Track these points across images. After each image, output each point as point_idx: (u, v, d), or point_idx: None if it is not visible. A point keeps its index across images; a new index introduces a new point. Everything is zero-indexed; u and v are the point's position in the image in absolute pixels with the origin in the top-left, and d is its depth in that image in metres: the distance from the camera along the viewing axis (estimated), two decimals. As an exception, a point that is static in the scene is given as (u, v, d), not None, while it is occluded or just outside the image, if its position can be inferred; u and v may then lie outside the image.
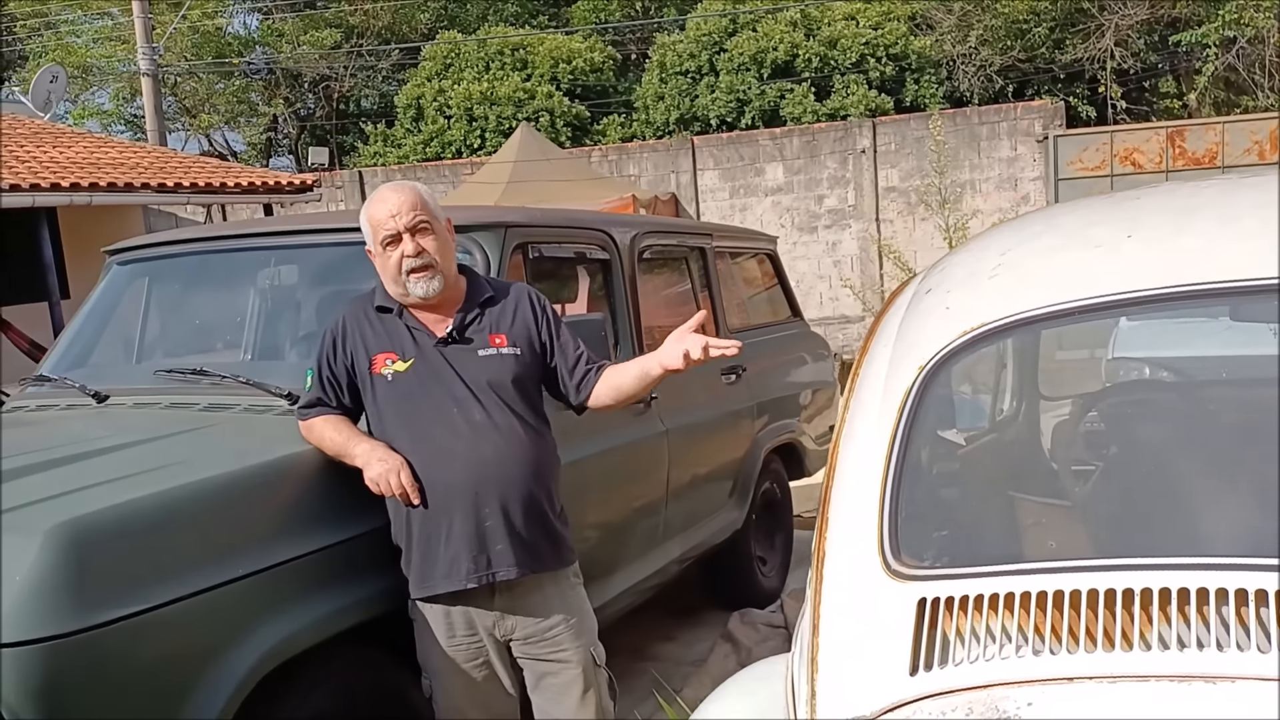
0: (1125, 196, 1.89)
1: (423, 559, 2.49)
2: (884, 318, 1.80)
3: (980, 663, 1.21)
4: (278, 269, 3.78)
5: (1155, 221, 1.64)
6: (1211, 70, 15.88)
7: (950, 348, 1.50)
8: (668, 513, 3.90)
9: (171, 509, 2.23)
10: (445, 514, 2.46)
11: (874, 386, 1.59)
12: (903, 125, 14.44)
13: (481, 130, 17.84)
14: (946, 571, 1.34)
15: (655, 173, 14.95)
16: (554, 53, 18.71)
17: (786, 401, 5.03)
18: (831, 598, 1.39)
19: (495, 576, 2.47)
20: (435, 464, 2.46)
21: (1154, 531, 1.42)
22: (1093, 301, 1.44)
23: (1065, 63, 17.11)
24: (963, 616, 1.26)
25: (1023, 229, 1.84)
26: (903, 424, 1.47)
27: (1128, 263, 1.49)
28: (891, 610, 1.31)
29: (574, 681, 2.61)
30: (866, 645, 1.32)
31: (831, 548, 1.45)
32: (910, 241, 14.01)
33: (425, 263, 2.49)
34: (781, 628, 4.46)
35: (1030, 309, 1.48)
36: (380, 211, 2.52)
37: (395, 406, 2.53)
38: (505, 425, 2.51)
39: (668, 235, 4.38)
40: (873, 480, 1.44)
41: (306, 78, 22.03)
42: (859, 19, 17.32)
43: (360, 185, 15.78)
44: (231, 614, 2.21)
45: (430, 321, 2.57)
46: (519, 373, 2.56)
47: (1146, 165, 12.80)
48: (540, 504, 2.54)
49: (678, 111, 17.35)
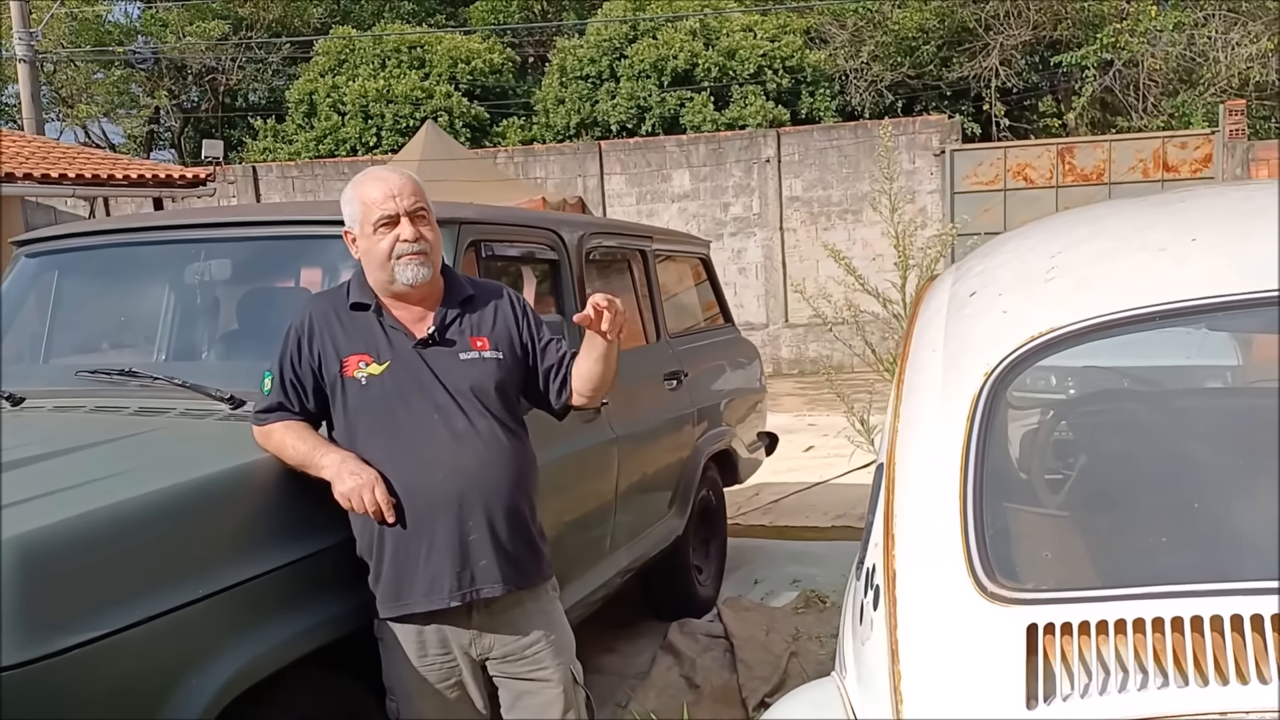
0: (1162, 199, 1.85)
1: (398, 576, 2.31)
2: (918, 321, 1.72)
3: (1114, 694, 1.13)
4: (197, 263, 3.53)
5: (1214, 226, 1.60)
6: (1090, 91, 16.56)
7: (1020, 353, 1.43)
8: (616, 522, 3.79)
9: (119, 525, 2.00)
10: (426, 528, 2.29)
11: (930, 394, 1.50)
12: (806, 136, 14.63)
13: (378, 128, 17.40)
14: (1057, 595, 1.25)
15: (562, 176, 14.81)
16: (452, 52, 18.39)
17: (723, 408, 4.96)
18: (912, 622, 1.29)
19: (479, 594, 2.32)
20: (415, 474, 2.29)
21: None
22: (1174, 307, 1.38)
23: (952, 80, 17.63)
24: (1085, 643, 1.17)
25: (1065, 231, 1.78)
26: (975, 433, 1.38)
27: (1200, 268, 1.44)
28: (993, 636, 1.21)
29: (554, 701, 2.46)
30: (965, 674, 1.22)
31: (904, 567, 1.35)
32: (813, 251, 14.19)
33: (422, 248, 2.34)
34: (721, 636, 4.39)
35: (1103, 314, 1.42)
36: (376, 192, 2.34)
37: (370, 413, 2.34)
38: (488, 432, 2.35)
39: (613, 236, 4.27)
40: (948, 495, 1.35)
41: (192, 69, 21.16)
42: (756, 31, 17.50)
43: (254, 180, 15.19)
44: (190, 640, 2.01)
45: (409, 321, 2.40)
46: (501, 377, 2.41)
47: (1038, 180, 13.24)
48: (523, 516, 2.40)
49: (578, 116, 17.24)
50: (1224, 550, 1.43)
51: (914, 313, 1.79)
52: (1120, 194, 12.45)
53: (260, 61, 21.61)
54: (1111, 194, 12.61)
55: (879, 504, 1.53)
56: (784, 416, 9.64)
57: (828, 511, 6.62)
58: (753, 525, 6.36)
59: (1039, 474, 2.32)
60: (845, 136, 14.43)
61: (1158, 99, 16.75)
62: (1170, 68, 16.44)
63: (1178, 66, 16.45)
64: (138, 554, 1.99)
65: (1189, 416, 2.32)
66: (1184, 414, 2.40)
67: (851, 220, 14.23)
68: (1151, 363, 2.47)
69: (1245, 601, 1.20)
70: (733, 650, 4.22)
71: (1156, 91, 16.75)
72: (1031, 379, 1.99)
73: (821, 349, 13.91)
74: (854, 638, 1.55)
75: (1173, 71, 16.57)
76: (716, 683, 3.96)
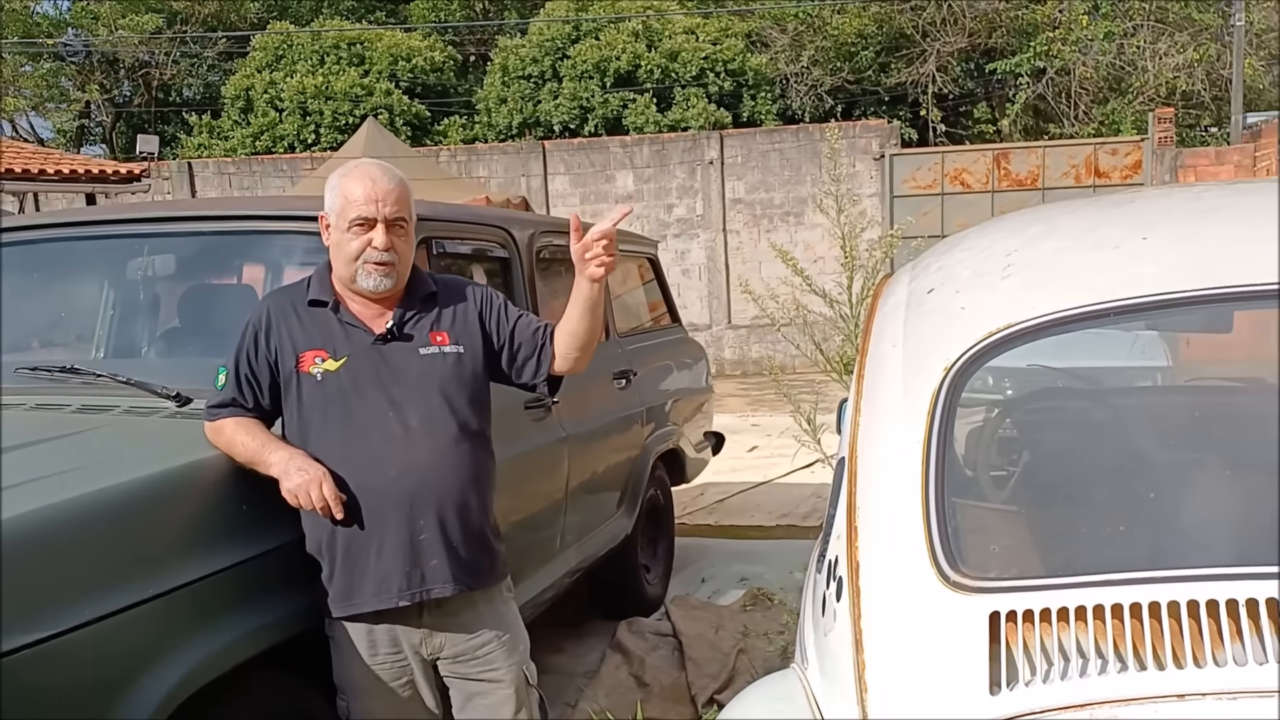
0: (1114, 200, 1.90)
1: (349, 575, 2.28)
2: (876, 318, 1.75)
3: (1075, 679, 1.16)
4: (137, 259, 3.47)
5: (1165, 225, 1.65)
6: (1023, 98, 16.92)
7: (978, 348, 1.46)
8: (566, 522, 3.78)
9: (64, 525, 1.95)
10: (376, 527, 2.26)
11: (891, 389, 1.53)
12: (748, 138, 14.73)
13: (316, 125, 17.17)
14: (1018, 583, 1.28)
15: (505, 175, 14.74)
16: (392, 49, 18.21)
17: (671, 407, 4.98)
18: (876, 611, 1.31)
19: (429, 594, 2.29)
20: (367, 472, 2.26)
21: (1238, 540, 1.41)
22: (1128, 303, 1.42)
23: (890, 86, 17.91)
24: (1045, 630, 1.20)
25: (1020, 230, 1.82)
26: (935, 427, 1.41)
27: (1153, 265, 1.49)
28: (957, 625, 1.24)
29: (505, 701, 2.45)
30: (928, 662, 1.24)
31: (868, 558, 1.37)
32: (756, 253, 14.30)
33: (389, 260, 2.30)
34: (670, 635, 4.41)
35: (1059, 310, 1.46)
36: (361, 189, 2.29)
37: (323, 409, 2.31)
38: (444, 430, 2.33)
39: (563, 235, 4.25)
40: (910, 487, 1.37)
41: (124, 63, 20.66)
42: (698, 33, 17.60)
43: (190, 176, 14.89)
44: (140, 640, 1.96)
45: (368, 317, 2.36)
46: (461, 374, 2.38)
47: (975, 185, 13.49)
48: (478, 515, 2.37)
49: (521, 116, 17.18)
50: (1171, 540, 1.47)
51: (872, 309, 1.82)
52: (1054, 199, 12.71)
53: (195, 56, 21.20)
54: (1045, 199, 12.89)
55: (841, 497, 1.56)
56: (728, 417, 9.70)
57: (772, 510, 6.68)
58: (699, 525, 6.39)
59: (985, 470, 2.37)
60: (787, 139, 14.57)
61: (1089, 107, 17.18)
62: (1100, 76, 16.88)
63: (1108, 75, 16.89)
64: (84, 553, 1.94)
65: (1127, 414, 2.39)
66: (1122, 411, 2.47)
67: (793, 223, 14.37)
68: (1089, 363, 2.53)
69: (1193, 588, 1.24)
70: (681, 648, 4.23)
71: (1087, 99, 17.18)
72: (976, 379, 2.03)
73: (764, 349, 14.02)
74: (815, 629, 1.57)
75: (1103, 80, 17.01)
76: (665, 681, 3.97)
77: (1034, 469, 2.12)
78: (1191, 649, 1.15)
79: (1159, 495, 1.51)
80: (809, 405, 4.41)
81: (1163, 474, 1.60)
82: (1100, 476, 1.69)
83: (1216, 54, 16.36)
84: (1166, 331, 2.93)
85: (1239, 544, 1.46)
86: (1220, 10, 16.79)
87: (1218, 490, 1.56)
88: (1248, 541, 1.47)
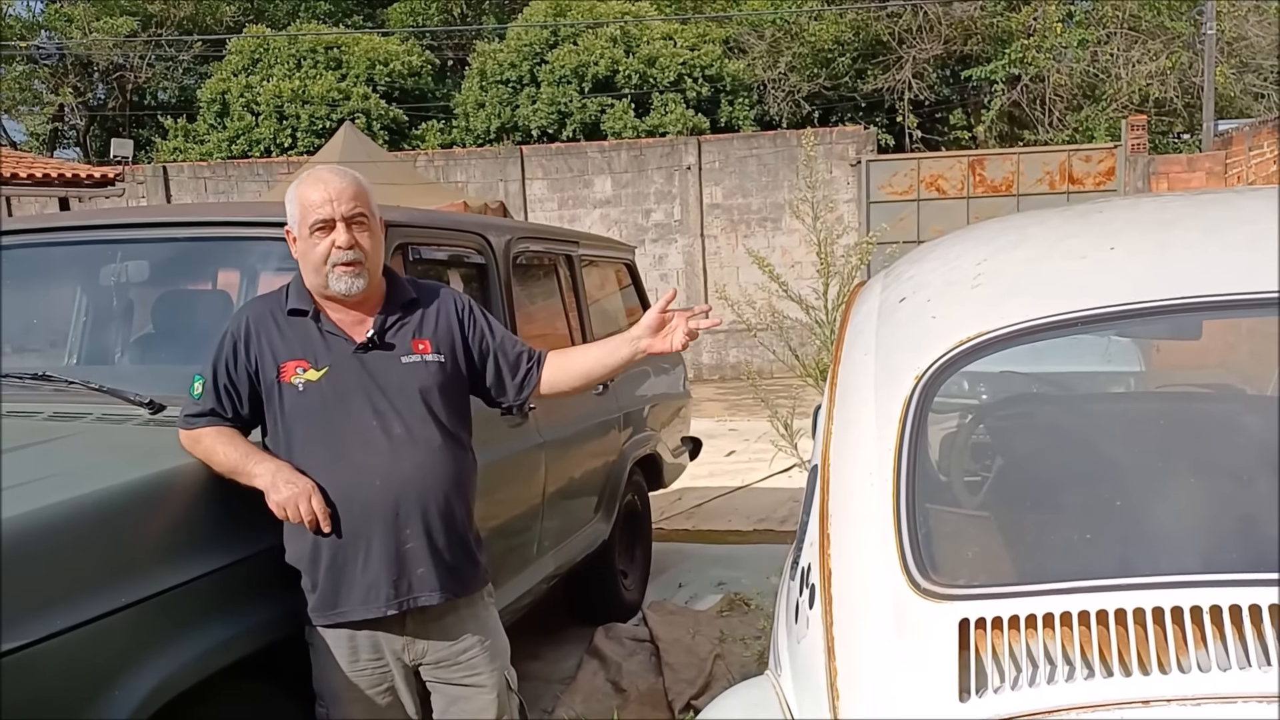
0: (1081, 210, 1.92)
1: (333, 584, 2.27)
2: (849, 326, 1.76)
3: (1043, 686, 1.17)
4: (111, 265, 3.45)
5: (1133, 235, 1.67)
6: (998, 105, 17.05)
7: (949, 357, 1.47)
8: (543, 527, 3.78)
9: (36, 533, 1.94)
10: (363, 536, 2.25)
11: (863, 397, 1.54)
12: (726, 144, 14.78)
13: (293, 129, 17.09)
14: (988, 590, 1.29)
15: (483, 180, 14.72)
16: (370, 54, 18.14)
17: (649, 412, 4.99)
18: (847, 619, 1.32)
19: (416, 602, 2.29)
20: (352, 482, 2.25)
21: (1205, 547, 1.43)
22: (1096, 312, 1.44)
23: (866, 92, 18.01)
24: (1014, 637, 1.21)
25: (990, 239, 1.84)
26: (907, 435, 1.42)
27: (1121, 275, 1.51)
28: (927, 632, 1.25)
29: (487, 707, 2.45)
30: (898, 669, 1.25)
31: (840, 566, 1.38)
32: (733, 258, 14.34)
33: (355, 258, 2.28)
34: (647, 641, 4.41)
35: (1029, 319, 1.48)
36: (316, 194, 2.28)
37: (306, 419, 2.30)
38: (427, 439, 2.32)
39: (540, 241, 4.27)
40: (882, 495, 1.39)
41: (98, 66, 20.48)
42: (676, 39, 17.63)
43: (165, 181, 14.81)
44: (112, 649, 1.95)
45: (348, 325, 2.35)
46: (443, 382, 2.38)
47: (950, 191, 13.58)
48: (462, 523, 2.38)
49: (498, 120, 17.16)
50: (1140, 547, 1.49)
51: (845, 317, 1.83)
52: (1028, 205, 12.84)
53: (170, 59, 21.04)
54: (1020, 205, 13.01)
55: (814, 504, 1.57)
56: (705, 422, 9.72)
57: (750, 515, 6.70)
58: (676, 530, 6.40)
59: (958, 476, 2.39)
60: (765, 145, 14.63)
61: (1063, 114, 17.33)
62: (1074, 83, 17.04)
63: (1082, 82, 17.05)
64: (56, 562, 1.93)
65: (1099, 420, 2.41)
66: (1094, 418, 2.50)
67: (770, 228, 14.43)
68: (1063, 369, 2.56)
69: (1161, 595, 1.26)
70: (658, 654, 4.24)
71: (1061, 106, 17.33)
72: (947, 385, 2.05)
73: (742, 354, 14.06)
74: (789, 636, 1.58)
75: (1077, 87, 17.17)
76: (642, 686, 3.97)
77: (1006, 475, 2.14)
78: (1158, 655, 1.17)
79: (1129, 502, 1.53)
80: (786, 410, 4.43)
81: (1133, 480, 1.62)
82: (1071, 483, 1.71)
83: (1188, 62, 16.55)
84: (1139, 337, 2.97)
85: (1207, 551, 1.48)
86: (1192, 19, 16.99)
87: (1186, 497, 1.58)
88: (1215, 548, 1.49)
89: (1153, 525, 1.51)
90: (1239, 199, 1.70)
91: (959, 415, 2.60)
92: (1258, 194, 1.81)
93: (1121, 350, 4.04)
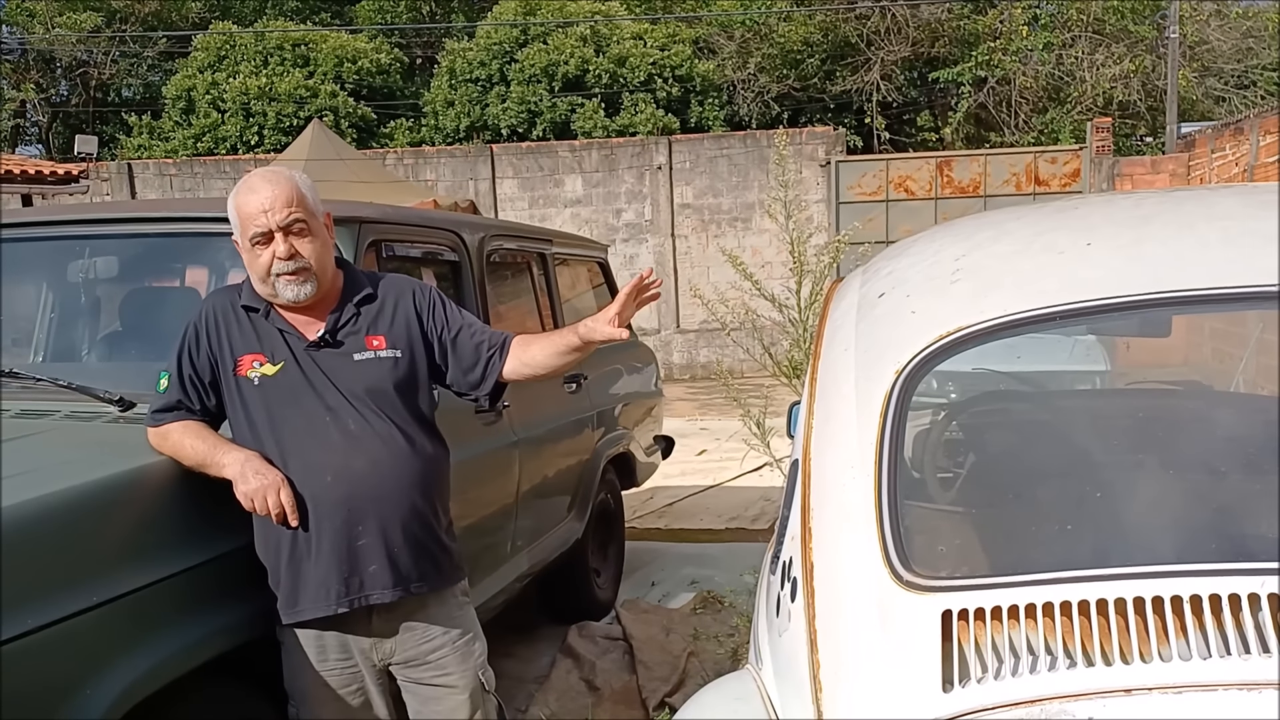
0: (1058, 206, 1.94)
1: (292, 581, 2.26)
2: (828, 322, 1.77)
3: (1025, 676, 1.18)
4: (78, 262, 3.40)
5: (1109, 231, 1.69)
6: (965, 107, 17.20)
7: (929, 351, 1.48)
8: (517, 526, 3.76)
9: (7, 531, 1.90)
10: (315, 533, 2.22)
11: (843, 393, 1.54)
12: (697, 144, 14.81)
13: (260, 127, 16.92)
14: (970, 582, 1.30)
15: (453, 179, 14.65)
16: (338, 51, 18.00)
17: (621, 411, 4.99)
18: (830, 611, 1.33)
19: (368, 599, 2.26)
20: (303, 479, 2.22)
21: (1193, 537, 1.44)
22: (1074, 307, 1.46)
23: (835, 93, 18.10)
24: (997, 628, 1.22)
25: (968, 235, 1.85)
26: (889, 429, 1.43)
27: (1099, 270, 1.52)
28: (909, 624, 1.26)
29: (460, 707, 2.42)
30: (881, 661, 1.26)
31: (823, 559, 1.39)
32: (704, 258, 14.36)
33: (299, 266, 2.24)
34: (620, 639, 4.41)
35: (1008, 313, 1.49)
36: (251, 204, 2.23)
37: (261, 414, 2.27)
38: (384, 434, 2.28)
39: (513, 239, 4.26)
40: (864, 488, 1.39)
41: (61, 62, 20.18)
42: (646, 39, 17.63)
43: (129, 178, 14.63)
44: (83, 650, 1.92)
45: (301, 323, 2.32)
46: (399, 377, 2.34)
47: (918, 192, 13.69)
48: (424, 518, 2.33)
49: (468, 119, 17.08)
50: (1116, 539, 1.51)
51: (824, 314, 1.84)
52: (995, 206, 12.94)
53: (135, 56, 20.78)
54: (987, 206, 13.12)
55: (795, 499, 1.57)
56: (676, 421, 9.73)
57: (722, 514, 6.71)
58: (649, 528, 6.41)
59: (931, 472, 2.40)
60: (735, 146, 14.67)
61: (1028, 116, 17.50)
62: (1040, 86, 17.21)
63: (1047, 85, 17.23)
64: (24, 561, 1.89)
65: (1070, 416, 2.44)
66: (1065, 414, 2.52)
67: (741, 228, 14.46)
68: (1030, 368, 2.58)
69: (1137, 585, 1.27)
70: (632, 652, 4.24)
71: (1027, 108, 17.50)
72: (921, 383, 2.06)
73: (713, 354, 14.09)
74: (770, 630, 1.58)
75: (1042, 89, 17.34)
76: (616, 684, 3.97)
77: (979, 470, 2.16)
78: (1139, 645, 1.18)
79: (1103, 495, 1.55)
80: (758, 409, 4.44)
81: (1106, 475, 1.64)
82: (1044, 478, 1.72)
83: (1152, 65, 16.77)
84: (1110, 335, 3.01)
85: (1179, 542, 1.50)
86: (1155, 23, 17.22)
87: (1158, 490, 1.60)
88: (1187, 539, 1.51)
89: (1128, 518, 1.53)
90: (1213, 195, 1.73)
91: (931, 413, 2.63)
92: (1232, 190, 1.84)
93: (1087, 349, 4.09)
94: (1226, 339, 3.05)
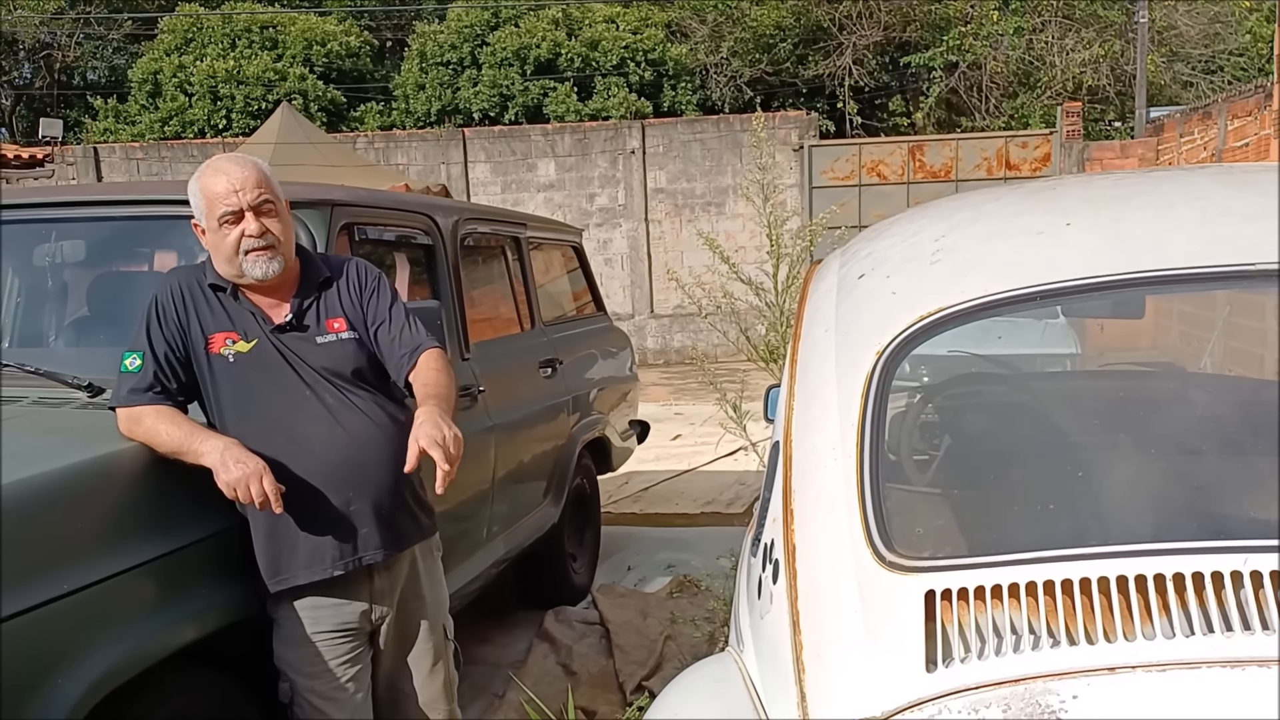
0: (1035, 187, 1.94)
1: (274, 552, 2.28)
2: (808, 304, 1.76)
3: (1009, 655, 1.18)
4: (44, 245, 3.35)
5: (1088, 211, 1.69)
6: (937, 91, 17.24)
7: (909, 332, 1.48)
8: (493, 511, 3.75)
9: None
10: (306, 503, 2.25)
11: (823, 373, 1.54)
12: (670, 128, 14.76)
13: (227, 110, 16.70)
14: (954, 562, 1.30)
15: (425, 163, 14.54)
16: (306, 34, 17.77)
17: (597, 395, 4.98)
18: (813, 592, 1.32)
19: (361, 562, 2.32)
20: (291, 451, 2.26)
21: (1172, 516, 1.45)
22: (1053, 286, 1.46)
23: (808, 78, 18.08)
24: (980, 608, 1.22)
25: (947, 216, 1.85)
26: (870, 410, 1.43)
27: (1077, 249, 1.52)
28: (893, 604, 1.26)
29: (425, 654, 2.51)
30: (865, 642, 1.26)
31: (805, 540, 1.38)
32: (678, 242, 14.35)
33: (268, 243, 2.29)
34: (596, 624, 4.41)
35: (988, 294, 1.49)
36: (219, 185, 2.27)
37: (239, 390, 2.30)
38: (360, 406, 2.36)
39: (487, 222, 4.23)
40: (846, 469, 1.39)
41: (24, 44, 19.82)
42: (618, 22, 17.54)
43: (95, 162, 14.41)
44: (55, 638, 1.90)
45: (266, 306, 2.36)
46: (361, 355, 2.40)
47: (890, 177, 13.73)
48: (403, 481, 2.38)
49: (439, 102, 16.94)
50: (1096, 518, 1.51)
51: (803, 296, 1.83)
52: (967, 190, 13.01)
53: (100, 38, 20.45)
54: (959, 190, 13.18)
55: (776, 481, 1.57)
56: (651, 406, 9.73)
57: (697, 498, 6.73)
58: (624, 513, 6.41)
59: (908, 455, 2.42)
60: (708, 130, 14.64)
61: (999, 100, 17.57)
62: (1010, 71, 17.27)
63: (1017, 70, 17.29)
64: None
65: (1044, 398, 2.45)
66: (1040, 395, 2.54)
67: (715, 213, 14.45)
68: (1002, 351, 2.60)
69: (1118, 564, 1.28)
70: (609, 636, 4.24)
71: (998, 93, 17.56)
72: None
73: (687, 338, 14.09)
74: (751, 612, 1.58)
75: (1013, 74, 17.41)
76: (593, 669, 3.97)
77: (956, 452, 2.16)
78: (1121, 624, 1.19)
79: (1083, 475, 1.56)
80: (734, 393, 4.44)
81: (1084, 455, 1.64)
82: (1022, 458, 1.73)
83: (1121, 50, 16.87)
84: (1089, 316, 3.03)
85: (1158, 521, 1.51)
86: (1124, 8, 17.31)
87: (1136, 470, 1.61)
88: (1166, 518, 1.52)
89: (1108, 498, 1.54)
90: (1191, 176, 1.73)
91: (906, 396, 2.64)
92: (1208, 171, 1.85)
93: (1058, 332, 4.11)
94: (1194, 322, 3.08)
